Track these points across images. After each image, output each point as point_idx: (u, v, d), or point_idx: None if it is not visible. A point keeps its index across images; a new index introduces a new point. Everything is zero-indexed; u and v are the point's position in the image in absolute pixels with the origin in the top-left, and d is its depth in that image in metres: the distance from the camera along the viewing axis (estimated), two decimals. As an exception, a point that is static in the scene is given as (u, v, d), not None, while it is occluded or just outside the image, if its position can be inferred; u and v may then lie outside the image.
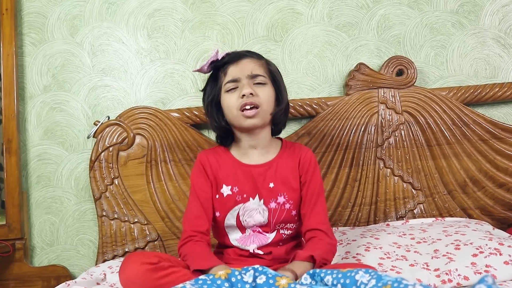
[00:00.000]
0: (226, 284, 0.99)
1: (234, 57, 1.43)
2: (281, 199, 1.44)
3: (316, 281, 1.00)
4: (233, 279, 0.96)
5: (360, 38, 2.03)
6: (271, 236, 1.45)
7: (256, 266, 1.01)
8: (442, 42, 2.05)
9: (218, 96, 1.44)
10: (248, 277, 0.97)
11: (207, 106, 1.46)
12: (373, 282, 0.91)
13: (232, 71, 1.41)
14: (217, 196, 1.46)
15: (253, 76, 1.40)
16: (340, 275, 0.95)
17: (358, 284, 0.94)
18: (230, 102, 1.40)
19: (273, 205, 1.44)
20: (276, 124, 1.49)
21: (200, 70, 1.46)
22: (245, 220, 1.44)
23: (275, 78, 1.45)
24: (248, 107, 1.37)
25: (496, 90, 1.97)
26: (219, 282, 0.94)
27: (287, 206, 1.44)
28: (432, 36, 2.04)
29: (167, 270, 1.26)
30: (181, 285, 1.07)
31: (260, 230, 1.45)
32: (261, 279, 0.96)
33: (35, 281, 1.88)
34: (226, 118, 1.44)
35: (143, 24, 2.00)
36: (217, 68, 1.45)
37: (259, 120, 1.40)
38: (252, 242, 1.44)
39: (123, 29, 2.00)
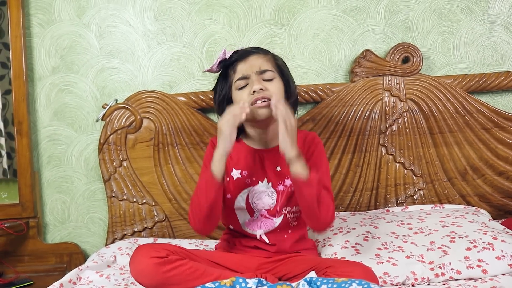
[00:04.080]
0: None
1: (242, 55, 1.48)
2: (288, 182, 1.50)
3: (313, 288, 1.06)
4: (238, 287, 1.03)
5: (367, 23, 2.02)
6: (277, 221, 1.51)
7: (260, 279, 1.07)
8: (450, 28, 2.03)
9: (229, 94, 1.49)
10: (252, 284, 1.03)
11: (219, 105, 1.51)
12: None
13: (241, 69, 1.46)
14: (227, 179, 1.52)
15: (262, 72, 1.45)
16: (335, 286, 1.01)
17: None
18: (242, 98, 1.45)
19: (281, 187, 1.51)
20: None
21: (210, 70, 1.52)
22: (254, 203, 1.51)
23: (283, 72, 1.50)
24: (259, 101, 1.41)
25: (502, 78, 1.97)
26: (223, 289, 1.01)
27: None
28: (440, 22, 2.03)
29: (174, 263, 1.35)
30: None
31: (267, 215, 1.51)
32: (264, 286, 1.03)
33: (49, 257, 1.98)
34: None
35: (149, 6, 1.99)
36: (226, 67, 1.50)
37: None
38: (259, 228, 1.51)
39: (129, 11, 2.00)
